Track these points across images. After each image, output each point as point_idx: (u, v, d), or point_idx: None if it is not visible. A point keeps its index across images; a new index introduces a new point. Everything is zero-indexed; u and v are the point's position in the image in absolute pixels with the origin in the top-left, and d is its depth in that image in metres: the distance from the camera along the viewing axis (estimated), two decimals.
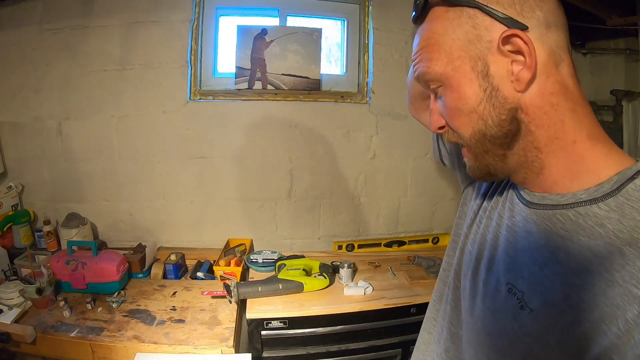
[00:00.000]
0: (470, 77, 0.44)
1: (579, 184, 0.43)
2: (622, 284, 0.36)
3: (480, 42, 0.43)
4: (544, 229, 0.44)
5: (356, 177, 1.81)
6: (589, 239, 0.40)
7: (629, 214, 0.38)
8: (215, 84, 1.69)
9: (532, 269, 0.44)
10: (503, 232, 0.50)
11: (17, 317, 1.15)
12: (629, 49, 1.74)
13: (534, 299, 0.42)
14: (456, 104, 0.46)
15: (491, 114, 0.44)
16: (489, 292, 0.49)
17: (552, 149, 0.44)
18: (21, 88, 1.57)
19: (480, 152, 0.47)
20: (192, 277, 1.51)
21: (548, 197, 0.45)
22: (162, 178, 1.69)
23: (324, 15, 1.74)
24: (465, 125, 0.47)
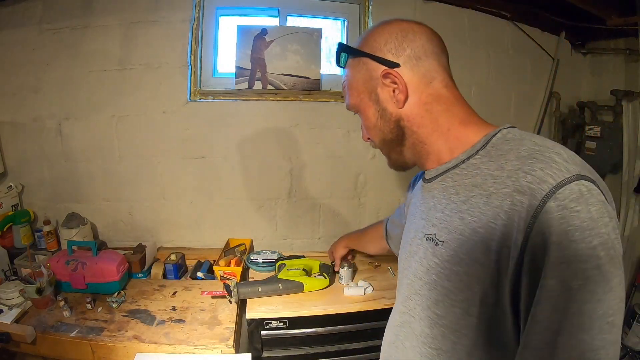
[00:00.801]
0: (369, 104, 0.65)
1: (457, 152, 0.59)
2: (494, 192, 0.50)
3: (372, 79, 0.63)
4: (441, 187, 0.61)
5: (356, 177, 1.81)
6: (470, 178, 0.55)
7: (494, 154, 0.54)
8: (215, 84, 1.69)
9: (438, 216, 0.59)
10: (419, 209, 0.67)
11: (17, 317, 1.15)
12: (629, 49, 1.74)
13: (443, 234, 0.57)
14: (366, 123, 0.68)
15: (384, 126, 0.64)
16: (414, 250, 0.65)
17: (433, 139, 0.62)
18: (21, 88, 1.57)
19: (387, 152, 0.69)
20: (192, 277, 1.51)
21: (439, 169, 0.62)
22: (162, 178, 1.69)
23: (324, 15, 1.74)
24: (374, 135, 0.68)
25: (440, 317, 0.57)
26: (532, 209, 0.45)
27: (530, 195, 0.45)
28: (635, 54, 1.70)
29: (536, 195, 0.45)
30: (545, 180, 0.45)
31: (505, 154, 0.52)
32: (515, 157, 0.50)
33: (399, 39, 0.60)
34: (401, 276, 0.72)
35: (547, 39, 1.87)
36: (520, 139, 0.53)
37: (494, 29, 1.82)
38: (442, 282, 0.56)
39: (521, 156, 0.49)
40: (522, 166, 0.48)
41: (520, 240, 0.46)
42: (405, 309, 0.66)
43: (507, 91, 1.88)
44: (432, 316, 0.59)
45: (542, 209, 0.44)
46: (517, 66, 1.87)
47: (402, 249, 0.74)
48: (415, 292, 0.63)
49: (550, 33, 1.87)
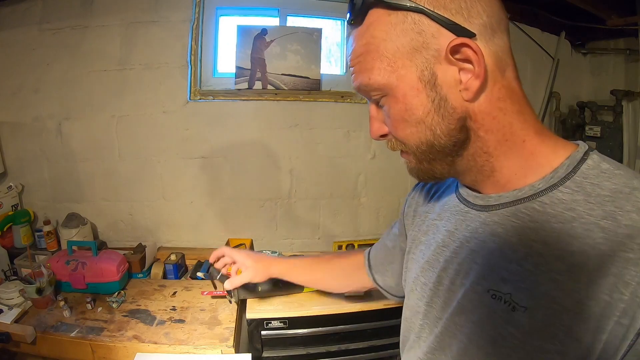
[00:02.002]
0: (417, 88, 0.43)
1: (532, 177, 0.44)
2: (610, 253, 0.37)
3: (427, 50, 0.42)
4: (511, 226, 0.44)
5: (356, 177, 1.81)
6: (562, 224, 0.40)
7: (592, 191, 0.40)
8: (215, 84, 1.69)
9: (510, 268, 0.43)
10: (463, 244, 0.49)
11: (17, 317, 1.15)
12: (629, 49, 1.74)
13: (523, 297, 0.41)
14: (402, 115, 0.45)
15: (440, 124, 0.44)
16: (467, 306, 0.47)
17: (503, 150, 0.44)
18: (21, 88, 1.57)
19: (427, 160, 0.47)
20: (192, 277, 1.51)
21: (504, 196, 0.46)
22: (162, 178, 1.69)
23: (324, 15, 1.74)
24: (412, 135, 0.46)
25: None
26: None
27: None
28: (635, 54, 1.70)
29: None
30: None
31: (614, 198, 0.39)
32: (635, 208, 0.38)
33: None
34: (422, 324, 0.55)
35: (547, 39, 1.87)
36: (625, 176, 0.40)
37: None
38: (518, 358, 0.42)
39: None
40: None
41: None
42: None
43: None
44: None
45: None
46: (517, 66, 1.86)
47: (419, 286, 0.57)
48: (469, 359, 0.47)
49: (550, 33, 1.87)
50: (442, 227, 0.54)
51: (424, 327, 0.55)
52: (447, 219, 0.54)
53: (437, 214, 0.57)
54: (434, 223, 0.57)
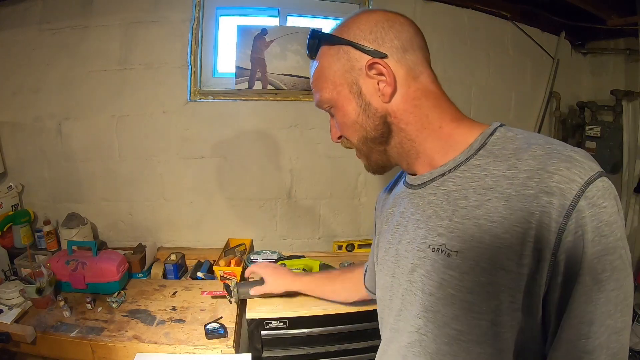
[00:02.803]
0: (349, 98, 0.58)
1: (453, 153, 0.56)
2: (514, 194, 0.47)
3: (353, 70, 0.57)
4: (441, 193, 0.56)
5: (356, 177, 1.81)
6: (478, 181, 0.52)
7: (499, 153, 0.51)
8: (215, 84, 1.69)
9: (443, 225, 0.54)
10: (410, 217, 0.61)
11: (17, 317, 1.15)
12: (629, 49, 1.74)
13: (455, 243, 0.52)
14: (343, 120, 0.61)
15: (367, 122, 0.58)
16: (416, 263, 0.57)
17: (423, 137, 0.57)
18: (21, 88, 1.57)
19: (367, 152, 0.62)
20: (192, 277, 1.51)
21: (434, 172, 0.57)
22: (162, 178, 1.69)
23: (324, 15, 1.74)
24: (352, 134, 0.61)
25: (461, 332, 0.52)
26: (563, 209, 0.44)
27: (560, 196, 0.44)
28: (635, 54, 1.70)
29: (566, 195, 0.44)
30: (574, 180, 0.44)
31: (515, 153, 0.50)
32: (531, 156, 0.48)
33: (386, 29, 0.56)
34: (391, 294, 0.65)
35: (547, 39, 1.88)
36: (525, 138, 0.51)
37: (494, 29, 1.82)
38: (462, 295, 0.51)
39: (537, 155, 0.48)
40: (544, 166, 0.46)
41: (553, 242, 0.45)
42: (414, 328, 0.59)
43: (507, 91, 1.88)
44: (452, 332, 0.53)
45: (574, 208, 0.44)
46: (517, 66, 1.87)
47: (384, 264, 0.67)
48: (425, 309, 0.56)
49: (550, 33, 1.87)
50: (397, 212, 0.66)
51: (391, 298, 0.65)
52: (399, 204, 0.66)
53: (391, 204, 0.69)
54: (391, 211, 0.68)
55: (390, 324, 0.65)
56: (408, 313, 0.60)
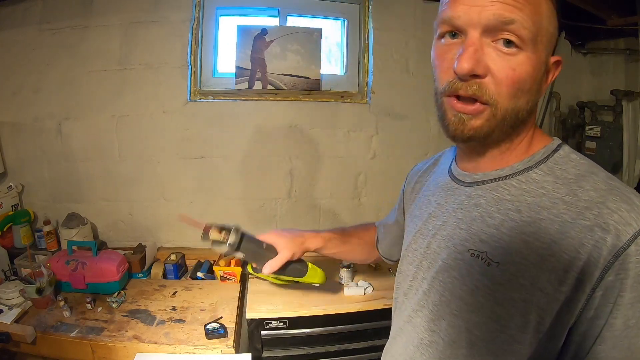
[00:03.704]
0: (542, 65, 0.49)
1: (515, 157, 0.53)
2: (570, 221, 0.46)
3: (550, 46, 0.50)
4: (492, 198, 0.53)
5: (356, 177, 1.81)
6: (535, 198, 0.49)
7: (560, 174, 0.49)
8: (215, 84, 1.69)
9: (488, 232, 0.51)
10: (450, 214, 0.57)
11: (17, 317, 1.15)
12: (629, 49, 1.74)
13: (497, 254, 0.50)
14: (526, 78, 0.47)
15: (532, 101, 0.50)
16: (451, 264, 0.55)
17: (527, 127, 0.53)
18: (21, 88, 1.57)
19: (502, 122, 0.49)
20: (192, 277, 1.51)
21: (489, 174, 0.54)
22: (162, 178, 1.69)
23: (324, 15, 1.74)
24: (515, 97, 0.48)
25: (481, 341, 0.51)
26: (614, 249, 0.43)
27: (615, 235, 0.43)
28: (635, 54, 1.70)
29: (621, 237, 0.43)
30: (630, 224, 0.44)
31: (577, 179, 0.48)
32: (592, 187, 0.47)
33: None
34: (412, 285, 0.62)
35: None
36: (587, 165, 0.50)
37: None
38: (492, 306, 0.50)
39: (599, 188, 0.46)
40: (605, 201, 0.45)
41: (596, 277, 0.44)
42: (433, 328, 0.56)
43: None
44: (471, 339, 0.52)
45: (625, 251, 0.43)
46: None
47: (411, 253, 0.64)
48: (450, 312, 0.54)
49: None
50: (434, 201, 0.62)
51: (411, 288, 0.63)
52: (439, 194, 0.62)
53: (431, 191, 0.65)
54: (428, 198, 0.65)
55: (405, 315, 0.63)
56: (429, 312, 0.58)
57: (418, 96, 1.75)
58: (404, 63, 1.73)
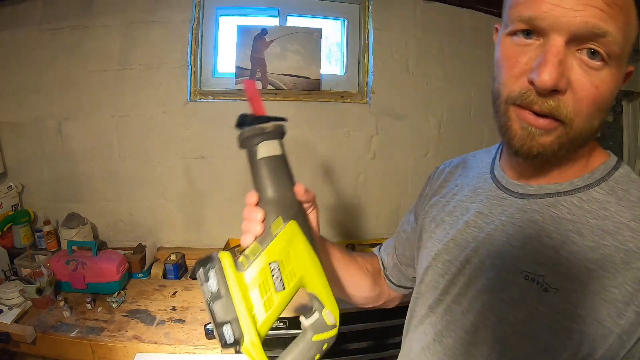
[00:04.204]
0: (619, 80, 0.43)
1: (574, 172, 0.48)
2: (635, 250, 0.41)
3: (628, 56, 0.43)
4: (550, 215, 0.47)
5: (356, 177, 1.81)
6: (597, 220, 0.45)
7: (622, 196, 0.45)
8: (215, 84, 1.69)
9: (546, 253, 0.46)
10: (498, 227, 0.51)
11: (17, 317, 1.15)
12: None
13: (557, 280, 0.44)
14: (607, 97, 0.42)
15: (603, 117, 0.44)
16: (498, 285, 0.49)
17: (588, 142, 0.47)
18: (21, 88, 1.57)
19: (574, 142, 0.44)
20: (192, 277, 1.51)
21: (546, 187, 0.49)
22: (162, 178, 1.69)
23: (324, 15, 1.74)
24: (593, 117, 0.42)
25: None
26: None
27: None
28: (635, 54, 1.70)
29: None
30: None
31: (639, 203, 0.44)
32: None
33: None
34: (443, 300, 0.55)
35: None
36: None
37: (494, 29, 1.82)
38: (544, 335, 0.44)
39: None
40: None
41: None
42: (476, 352, 0.50)
43: None
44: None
45: None
46: None
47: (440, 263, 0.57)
48: (495, 338, 0.48)
49: None
50: (473, 209, 0.55)
51: (440, 303, 0.56)
52: (481, 202, 0.55)
53: (467, 196, 0.58)
54: (464, 205, 0.57)
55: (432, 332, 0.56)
56: (466, 334, 0.51)
57: (418, 96, 1.76)
58: (404, 63, 1.73)
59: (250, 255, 0.45)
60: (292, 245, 0.46)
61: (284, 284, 0.44)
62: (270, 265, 0.44)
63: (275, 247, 0.45)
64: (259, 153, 0.52)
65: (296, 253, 0.46)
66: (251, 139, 0.52)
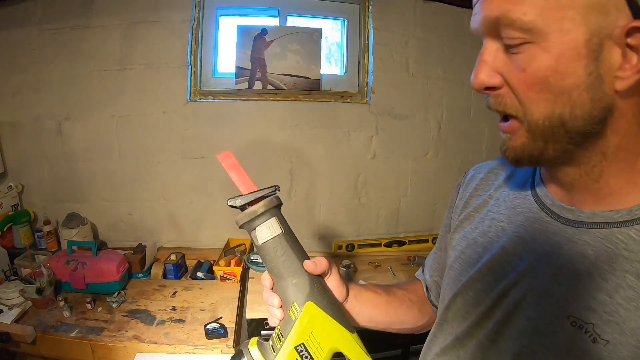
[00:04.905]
0: (579, 51, 0.35)
1: (634, 198, 0.40)
2: None
3: (604, 17, 0.34)
4: (604, 250, 0.40)
5: (356, 177, 1.81)
6: None
7: None
8: (215, 84, 1.69)
9: (598, 298, 0.39)
10: (541, 258, 0.44)
11: (17, 317, 1.15)
12: None
13: (608, 330, 0.38)
14: (547, 75, 0.36)
15: (585, 105, 0.37)
16: (541, 329, 0.42)
17: (617, 158, 0.40)
18: (21, 88, 1.57)
19: (544, 139, 0.39)
20: (192, 277, 1.51)
21: (599, 215, 0.41)
22: (162, 178, 1.69)
23: (324, 15, 1.74)
24: (543, 102, 0.38)
25: None
26: None
27: None
28: None
29: None
30: None
31: None
32: None
33: None
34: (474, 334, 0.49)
35: None
36: None
37: None
38: None
39: None
40: None
41: None
42: None
43: None
44: None
45: None
46: None
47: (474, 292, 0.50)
48: None
49: None
50: (511, 232, 0.48)
51: (470, 336, 0.50)
52: (520, 224, 0.48)
53: (504, 215, 0.51)
54: (499, 225, 0.50)
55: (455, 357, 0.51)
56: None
57: (418, 96, 1.76)
58: (404, 63, 1.73)
59: (277, 341, 0.47)
60: (313, 324, 0.47)
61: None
62: (296, 348, 0.46)
63: (296, 331, 0.46)
64: (258, 238, 0.51)
65: (319, 330, 0.47)
66: (246, 226, 0.52)
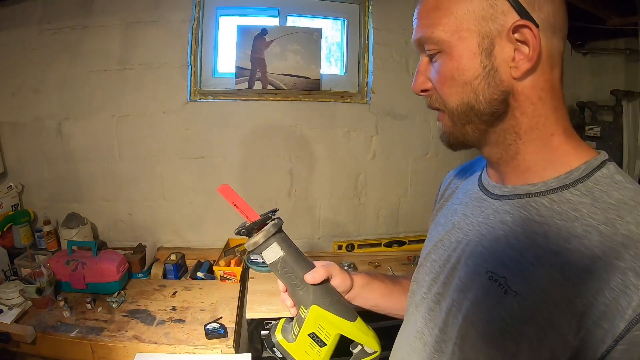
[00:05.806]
0: (474, 52, 0.45)
1: (550, 172, 0.47)
2: (603, 257, 0.39)
3: (493, 22, 0.44)
4: (519, 217, 0.47)
5: (356, 177, 1.81)
6: (566, 222, 0.43)
7: (599, 197, 0.43)
8: (215, 84, 1.69)
9: (511, 255, 0.46)
10: (474, 228, 0.53)
11: (17, 317, 1.15)
12: (629, 49, 1.74)
13: (517, 282, 0.44)
14: (452, 74, 0.47)
15: (485, 91, 0.46)
16: (468, 285, 0.50)
17: (531, 137, 0.47)
18: (21, 88, 1.57)
19: (462, 122, 0.49)
20: (192, 277, 1.51)
21: (519, 188, 0.49)
22: (162, 178, 1.69)
23: (324, 15, 1.74)
24: (454, 94, 0.48)
25: None
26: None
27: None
28: (635, 54, 1.70)
29: None
30: None
31: (618, 207, 0.41)
32: (634, 221, 0.40)
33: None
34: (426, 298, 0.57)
35: None
36: (635, 191, 0.43)
37: None
38: (504, 340, 0.44)
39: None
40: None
41: (620, 329, 0.38)
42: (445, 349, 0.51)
43: None
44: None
45: None
46: None
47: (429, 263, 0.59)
48: (461, 337, 0.49)
49: None
50: (460, 211, 0.58)
51: (423, 300, 0.58)
52: (466, 204, 0.57)
53: (459, 199, 0.60)
54: (455, 207, 0.60)
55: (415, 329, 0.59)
56: (439, 331, 0.53)
57: (418, 96, 1.75)
58: (404, 63, 1.73)
59: (296, 328, 0.65)
60: (320, 320, 0.62)
61: (324, 342, 0.63)
62: (309, 335, 0.62)
63: (307, 325, 0.62)
64: (266, 260, 0.64)
65: (325, 323, 0.63)
66: (255, 252, 0.64)
